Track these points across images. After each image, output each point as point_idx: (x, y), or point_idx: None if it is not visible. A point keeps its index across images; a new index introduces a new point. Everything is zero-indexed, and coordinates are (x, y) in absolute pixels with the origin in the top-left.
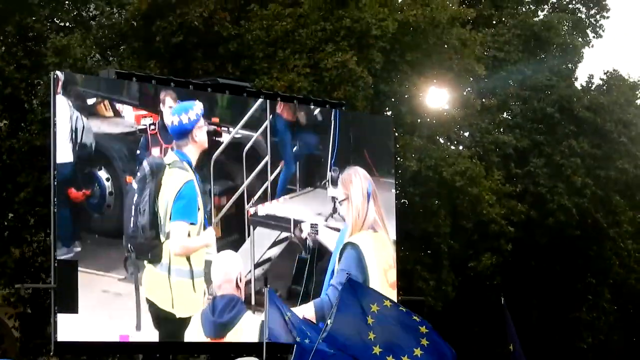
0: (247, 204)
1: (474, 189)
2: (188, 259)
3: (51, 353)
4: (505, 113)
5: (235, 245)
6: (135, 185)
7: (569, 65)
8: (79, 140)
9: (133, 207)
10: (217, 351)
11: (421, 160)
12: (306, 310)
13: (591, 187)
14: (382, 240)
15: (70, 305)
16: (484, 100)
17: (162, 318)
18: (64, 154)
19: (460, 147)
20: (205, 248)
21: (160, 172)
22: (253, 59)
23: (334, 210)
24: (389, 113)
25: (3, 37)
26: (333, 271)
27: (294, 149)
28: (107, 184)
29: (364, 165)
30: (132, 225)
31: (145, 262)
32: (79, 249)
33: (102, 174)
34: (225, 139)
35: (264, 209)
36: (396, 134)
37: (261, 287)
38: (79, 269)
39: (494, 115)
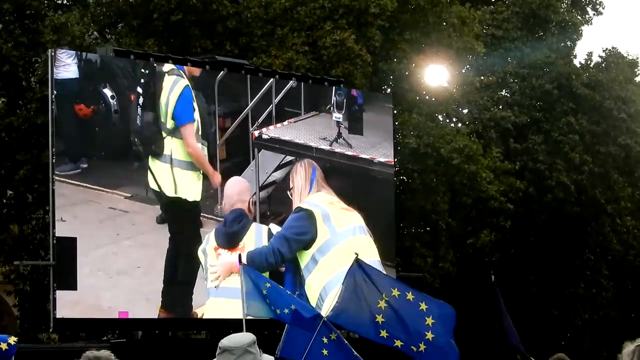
0: (252, 126)
1: (472, 166)
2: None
3: (50, 330)
4: (504, 90)
5: (240, 168)
6: (140, 90)
7: (568, 43)
8: (84, 56)
9: (139, 107)
10: (214, 328)
11: (420, 137)
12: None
13: (590, 164)
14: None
15: (69, 282)
16: (482, 77)
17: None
18: (69, 69)
19: (459, 125)
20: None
21: (161, 78)
22: (251, 37)
23: (339, 134)
24: (388, 91)
25: (0, 14)
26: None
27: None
28: (112, 102)
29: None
30: (138, 122)
31: (150, 155)
32: (85, 165)
33: (107, 92)
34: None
35: (268, 132)
36: (395, 112)
37: (266, 210)
38: (86, 185)
39: (493, 92)
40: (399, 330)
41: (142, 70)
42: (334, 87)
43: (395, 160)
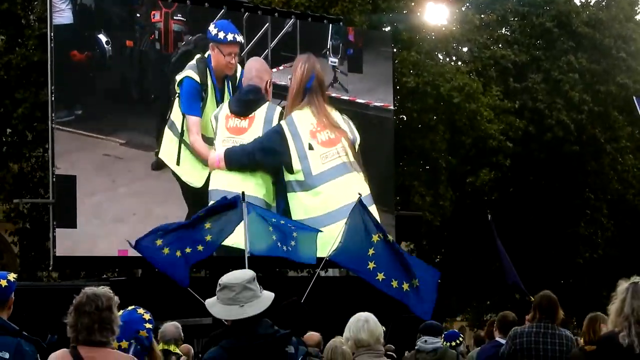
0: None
1: (472, 105)
2: None
3: (50, 268)
4: (503, 28)
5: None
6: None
7: None
8: (78, 1)
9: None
10: (214, 266)
11: (419, 76)
12: None
13: (589, 103)
14: (314, 112)
15: (69, 220)
16: (482, 15)
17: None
18: (63, 15)
19: (459, 63)
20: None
21: (192, 52)
22: None
23: (335, 79)
24: (387, 29)
25: None
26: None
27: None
28: (107, 47)
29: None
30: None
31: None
32: (80, 111)
33: (102, 37)
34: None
35: None
36: (394, 50)
37: None
38: (80, 131)
39: (493, 30)
40: (390, 268)
41: (138, 15)
42: (330, 31)
43: (395, 99)
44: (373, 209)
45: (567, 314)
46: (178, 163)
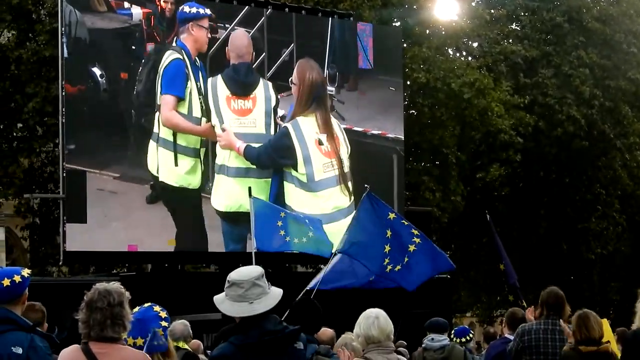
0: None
1: (482, 100)
2: (174, 133)
3: (60, 263)
4: (514, 24)
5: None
6: (141, 66)
7: None
8: (72, 35)
9: (137, 79)
10: (223, 262)
11: (429, 71)
12: None
13: (600, 98)
14: (319, 120)
15: (79, 215)
16: (492, 10)
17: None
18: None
19: (469, 58)
20: (195, 135)
21: (161, 53)
22: None
23: (332, 107)
24: (397, 24)
25: None
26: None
27: (291, 46)
28: (102, 81)
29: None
30: (135, 93)
31: (145, 133)
32: (72, 146)
33: (97, 70)
34: (221, 35)
35: None
36: (404, 45)
37: None
38: (74, 166)
39: (503, 25)
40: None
41: (133, 47)
42: (327, 57)
43: (406, 94)
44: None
45: (578, 310)
46: (157, 172)
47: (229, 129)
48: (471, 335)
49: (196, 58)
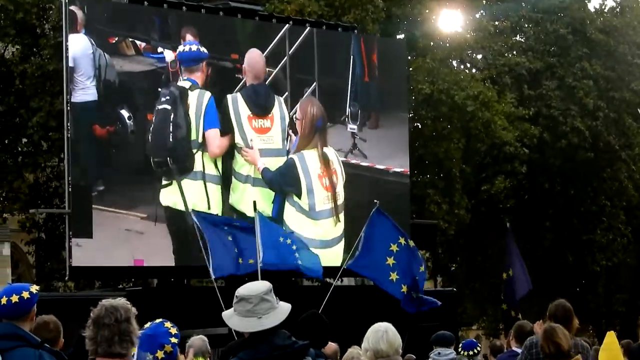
0: None
1: (486, 113)
2: (216, 164)
3: (66, 278)
4: (518, 35)
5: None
6: (169, 107)
7: None
8: (102, 78)
9: (171, 124)
10: (229, 276)
11: (433, 83)
12: None
13: (604, 110)
14: (320, 155)
15: (84, 230)
16: (497, 22)
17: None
18: (88, 92)
19: (473, 70)
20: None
21: (185, 95)
22: None
23: (354, 145)
24: (401, 36)
25: None
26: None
27: (313, 84)
28: (129, 123)
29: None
30: (171, 139)
31: (181, 172)
32: (101, 187)
33: (125, 112)
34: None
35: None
36: (409, 57)
37: None
38: (102, 207)
39: (507, 37)
40: (405, 268)
41: (160, 89)
42: (349, 95)
43: (410, 107)
44: (340, 247)
45: (583, 322)
46: (209, 207)
47: (255, 146)
48: (479, 349)
49: None
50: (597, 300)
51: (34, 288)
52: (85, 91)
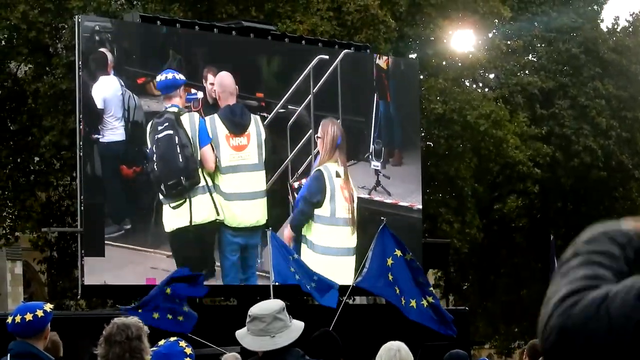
0: (291, 178)
1: (499, 132)
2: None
3: (78, 296)
4: (530, 55)
5: (280, 220)
6: (171, 131)
7: (595, 7)
8: (130, 119)
9: (178, 146)
10: (242, 295)
11: (446, 103)
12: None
13: (616, 129)
14: (342, 170)
15: (97, 248)
16: (509, 42)
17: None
18: (116, 132)
19: (486, 90)
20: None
21: (179, 119)
22: (276, 2)
23: (378, 182)
24: (413, 56)
25: None
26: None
27: (338, 122)
28: (154, 159)
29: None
30: (181, 160)
31: (195, 186)
32: (128, 226)
33: (149, 151)
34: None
35: None
36: (421, 77)
37: None
38: (128, 245)
39: (519, 57)
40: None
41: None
42: (372, 133)
43: (422, 126)
44: (352, 260)
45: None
46: (218, 213)
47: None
48: None
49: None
50: None
51: (48, 306)
52: (113, 131)
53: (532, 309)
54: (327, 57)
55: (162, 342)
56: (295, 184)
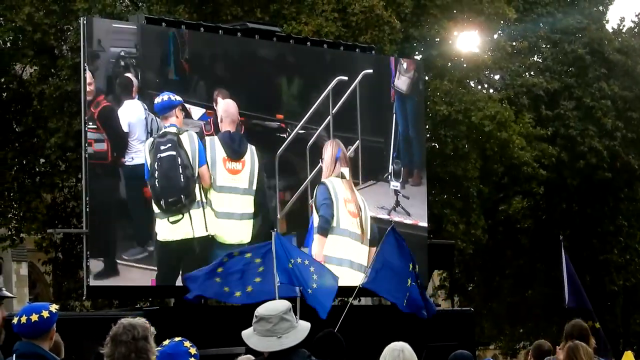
0: (311, 198)
1: (504, 133)
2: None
3: (84, 297)
4: (535, 56)
5: (299, 240)
6: (174, 152)
7: (600, 8)
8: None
9: (180, 166)
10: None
11: (451, 104)
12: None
13: (622, 130)
14: (344, 183)
15: (102, 249)
16: (514, 43)
17: None
18: (139, 155)
19: (491, 91)
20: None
21: (179, 139)
22: (282, 4)
23: (397, 203)
24: (418, 57)
25: None
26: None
27: (356, 143)
28: None
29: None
30: (182, 179)
31: (192, 203)
32: (152, 248)
33: None
34: (289, 135)
35: None
36: (426, 78)
37: None
38: (151, 267)
39: (525, 58)
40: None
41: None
42: (391, 153)
43: (427, 127)
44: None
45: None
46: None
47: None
48: None
49: None
50: (614, 321)
51: (54, 307)
52: (137, 154)
53: (537, 310)
54: (346, 78)
55: (166, 342)
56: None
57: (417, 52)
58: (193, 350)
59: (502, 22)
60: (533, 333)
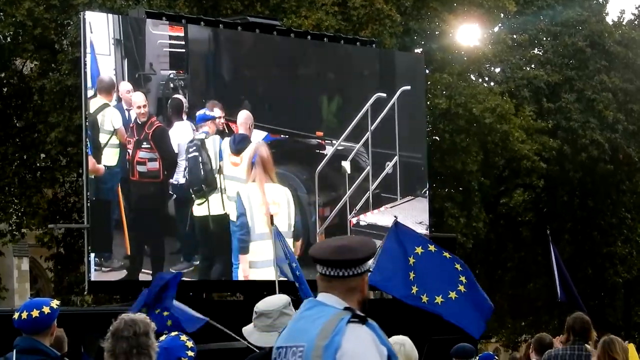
0: (350, 214)
1: (505, 126)
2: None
3: (85, 292)
4: (536, 49)
5: None
6: (197, 154)
7: (600, 0)
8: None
9: (201, 164)
10: (248, 290)
11: (451, 97)
12: None
13: (623, 122)
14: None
15: (103, 244)
16: (515, 36)
17: None
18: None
19: (492, 84)
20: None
21: (204, 143)
22: None
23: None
24: (419, 50)
25: None
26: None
27: (395, 158)
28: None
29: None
30: (202, 173)
31: (212, 191)
32: (197, 262)
33: None
34: (329, 151)
35: (365, 219)
36: (426, 71)
37: None
38: (196, 279)
39: (525, 50)
40: (428, 280)
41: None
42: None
43: (427, 120)
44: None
45: (602, 335)
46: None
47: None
48: None
49: None
50: (616, 313)
51: (55, 303)
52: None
53: (539, 303)
54: (384, 94)
55: (163, 337)
56: (354, 220)
57: (417, 46)
58: (190, 344)
59: (502, 14)
60: (534, 326)
